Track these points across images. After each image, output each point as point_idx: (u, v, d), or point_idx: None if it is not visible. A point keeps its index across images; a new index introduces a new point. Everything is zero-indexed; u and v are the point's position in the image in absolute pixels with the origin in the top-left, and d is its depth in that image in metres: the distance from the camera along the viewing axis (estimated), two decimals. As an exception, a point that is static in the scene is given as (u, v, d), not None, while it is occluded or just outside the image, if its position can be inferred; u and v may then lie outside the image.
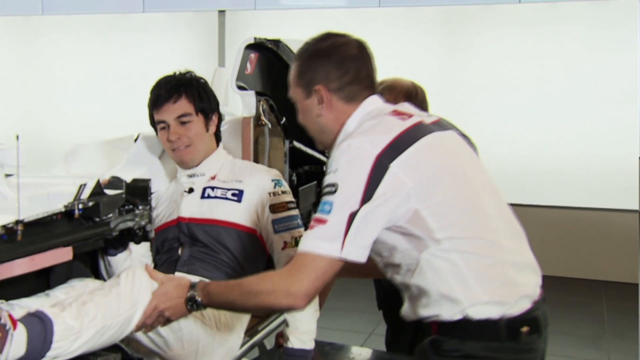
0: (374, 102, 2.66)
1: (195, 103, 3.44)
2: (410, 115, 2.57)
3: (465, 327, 2.46)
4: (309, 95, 2.66)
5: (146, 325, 2.74)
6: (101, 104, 9.32)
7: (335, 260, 2.40)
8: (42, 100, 9.80)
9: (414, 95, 3.73)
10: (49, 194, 2.94)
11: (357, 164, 2.38)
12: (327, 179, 2.43)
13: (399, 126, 2.49)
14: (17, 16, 9.68)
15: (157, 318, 2.73)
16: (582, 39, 7.61)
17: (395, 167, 2.37)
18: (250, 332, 3.59)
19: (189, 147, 3.43)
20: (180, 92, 3.42)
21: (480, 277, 2.43)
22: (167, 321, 2.76)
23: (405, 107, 2.69)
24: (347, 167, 2.39)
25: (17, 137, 2.58)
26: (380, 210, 2.37)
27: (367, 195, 2.35)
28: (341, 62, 2.61)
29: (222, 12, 8.72)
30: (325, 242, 2.37)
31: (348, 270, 3.26)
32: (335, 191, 2.38)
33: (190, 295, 2.66)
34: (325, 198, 2.40)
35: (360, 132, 2.50)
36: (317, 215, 2.41)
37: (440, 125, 2.65)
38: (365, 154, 2.38)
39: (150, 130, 3.61)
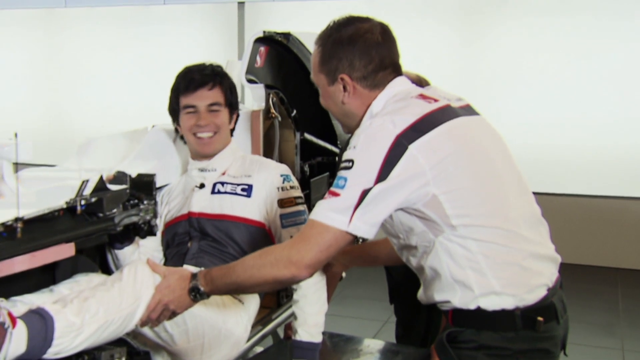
0: (400, 84, 2.59)
1: (226, 95, 3.45)
2: (437, 100, 2.50)
3: (481, 318, 2.41)
4: (333, 83, 2.58)
5: (152, 320, 2.69)
6: (123, 94, 9.29)
7: (342, 233, 2.34)
8: (65, 91, 9.79)
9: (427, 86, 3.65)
10: (59, 187, 2.90)
11: (376, 142, 2.33)
12: (345, 155, 2.37)
13: (424, 108, 2.43)
14: (41, 9, 9.68)
15: (162, 312, 2.66)
16: (602, 29, 7.47)
17: (414, 149, 2.31)
18: (262, 322, 3.57)
19: (213, 136, 3.41)
20: (216, 81, 3.42)
21: (494, 266, 2.38)
22: (173, 314, 2.69)
23: (432, 90, 2.61)
24: (365, 145, 2.34)
25: (16, 134, 2.53)
26: (393, 191, 2.32)
27: (383, 175, 2.30)
28: (365, 51, 2.52)
29: (241, 4, 8.66)
30: (335, 213, 2.33)
31: (354, 259, 3.23)
32: (351, 167, 2.33)
33: (192, 285, 2.60)
34: (341, 173, 2.35)
35: (385, 112, 2.45)
36: (332, 188, 2.36)
37: (469, 110, 2.60)
38: (386, 133, 2.33)
39: (165, 121, 3.57)
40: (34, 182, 3.06)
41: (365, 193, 2.30)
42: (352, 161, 2.34)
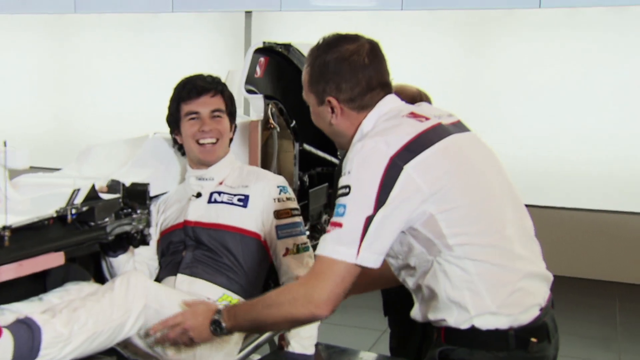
0: (390, 102, 2.52)
1: (227, 103, 3.44)
2: (428, 118, 2.43)
3: (474, 337, 2.35)
4: (321, 104, 2.53)
5: (169, 339, 2.65)
6: (130, 100, 9.26)
7: (352, 266, 2.26)
8: (73, 96, 9.76)
9: (419, 102, 3.60)
10: (55, 194, 2.86)
11: (371, 165, 2.26)
12: (342, 181, 2.30)
13: (417, 127, 2.36)
14: (50, 14, 9.63)
15: (180, 335, 2.63)
16: (602, 44, 7.43)
17: (410, 169, 2.24)
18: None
19: (215, 143, 3.38)
20: (218, 89, 3.42)
21: (491, 287, 2.32)
22: (191, 342, 2.64)
23: (423, 108, 2.55)
24: (360, 169, 2.27)
25: (5, 143, 2.48)
26: (395, 214, 2.25)
27: (381, 198, 2.23)
28: (352, 74, 2.46)
29: (248, 13, 8.61)
30: (341, 246, 2.25)
31: (356, 287, 3.17)
32: (348, 193, 2.26)
33: (215, 318, 2.54)
34: (340, 200, 2.28)
35: (376, 132, 2.38)
36: (333, 218, 2.29)
37: (460, 126, 2.53)
38: (379, 155, 2.26)
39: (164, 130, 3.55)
40: (33, 188, 3.02)
41: (368, 220, 2.23)
42: (348, 187, 2.27)
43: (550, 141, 7.64)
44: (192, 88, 3.38)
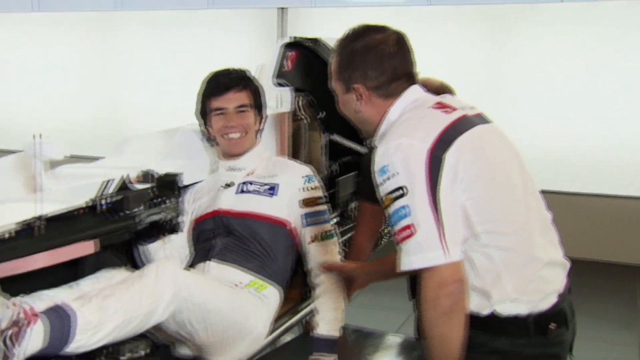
0: (415, 92, 2.48)
1: (253, 97, 3.42)
2: (454, 109, 2.40)
3: (494, 323, 2.30)
4: (348, 91, 2.49)
5: None
6: (169, 94, 9.24)
7: (448, 264, 2.16)
8: (115, 90, 9.82)
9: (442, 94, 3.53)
10: (90, 184, 2.84)
11: (413, 162, 2.20)
12: (390, 184, 2.22)
13: (445, 120, 2.32)
14: (93, 12, 9.67)
15: None
16: (624, 38, 7.31)
17: (450, 157, 2.22)
18: (289, 313, 3.50)
19: (241, 137, 3.38)
20: (243, 84, 3.39)
21: (513, 275, 2.27)
22: None
23: (448, 99, 2.51)
24: (406, 168, 2.21)
25: (37, 136, 2.46)
26: (453, 202, 2.21)
27: (433, 190, 2.18)
28: (379, 62, 2.42)
29: (282, 10, 8.60)
30: (426, 253, 2.16)
31: (371, 275, 3.11)
32: (405, 193, 2.19)
33: None
34: (398, 203, 2.19)
35: (405, 123, 2.34)
36: (400, 222, 2.19)
37: (481, 118, 2.49)
38: (418, 152, 2.21)
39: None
40: (70, 178, 3.01)
41: (436, 215, 2.16)
42: (402, 187, 2.19)
43: (574, 131, 7.52)
44: (218, 85, 3.37)
